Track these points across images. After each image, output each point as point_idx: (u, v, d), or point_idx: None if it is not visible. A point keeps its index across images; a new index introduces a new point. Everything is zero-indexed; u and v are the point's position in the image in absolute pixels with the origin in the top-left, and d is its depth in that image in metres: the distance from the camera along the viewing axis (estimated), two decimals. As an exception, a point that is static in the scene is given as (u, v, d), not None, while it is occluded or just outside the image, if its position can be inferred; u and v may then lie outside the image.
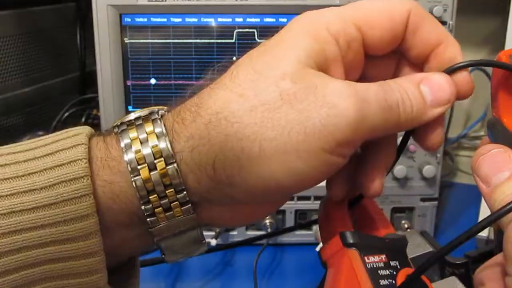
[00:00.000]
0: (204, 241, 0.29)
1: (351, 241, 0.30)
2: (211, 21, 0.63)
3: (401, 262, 0.31)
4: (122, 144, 0.26)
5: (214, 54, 0.64)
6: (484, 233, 0.66)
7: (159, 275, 0.64)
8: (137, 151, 0.26)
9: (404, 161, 0.66)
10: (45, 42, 0.85)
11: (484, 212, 0.67)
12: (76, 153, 0.26)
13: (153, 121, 0.27)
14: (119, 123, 0.28)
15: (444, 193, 0.83)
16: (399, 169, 0.65)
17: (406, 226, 0.68)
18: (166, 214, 0.27)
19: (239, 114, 0.26)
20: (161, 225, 0.27)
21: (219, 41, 0.64)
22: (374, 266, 0.30)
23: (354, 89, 0.26)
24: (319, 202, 0.70)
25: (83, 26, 0.89)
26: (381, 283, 0.29)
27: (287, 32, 0.28)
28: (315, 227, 0.68)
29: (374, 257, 0.30)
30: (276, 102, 0.25)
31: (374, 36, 0.28)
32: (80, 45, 0.90)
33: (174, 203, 0.27)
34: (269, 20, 0.64)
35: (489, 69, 0.85)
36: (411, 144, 0.65)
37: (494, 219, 0.24)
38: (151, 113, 0.28)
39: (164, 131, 0.26)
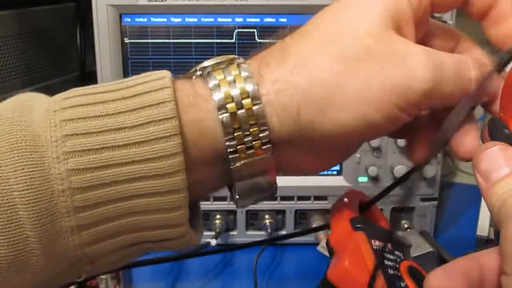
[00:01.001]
0: (276, 185, 0.30)
1: (360, 225, 0.31)
2: (211, 21, 0.63)
3: (404, 255, 0.32)
4: (211, 85, 0.28)
5: (214, 54, 0.64)
6: (484, 233, 0.66)
7: (159, 275, 0.64)
8: (226, 91, 0.28)
9: (404, 161, 0.66)
10: (45, 42, 0.85)
11: (484, 211, 0.67)
12: (164, 95, 0.27)
13: (238, 65, 0.29)
14: (198, 68, 0.30)
15: (444, 193, 0.83)
16: (399, 169, 0.65)
17: (406, 226, 0.69)
18: (248, 152, 0.28)
19: (324, 63, 0.28)
20: (241, 163, 0.28)
21: (219, 41, 0.64)
22: (380, 248, 0.31)
23: (433, 58, 0.28)
24: (319, 202, 0.70)
25: (83, 26, 0.89)
26: (385, 262, 0.30)
27: None
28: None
29: (381, 242, 0.31)
30: (361, 55, 0.28)
31: None
32: (80, 45, 0.89)
33: (257, 141, 0.28)
34: (269, 20, 0.64)
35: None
36: (411, 144, 0.65)
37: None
38: (232, 59, 0.30)
39: (250, 74, 0.28)
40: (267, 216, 0.69)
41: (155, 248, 0.29)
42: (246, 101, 0.27)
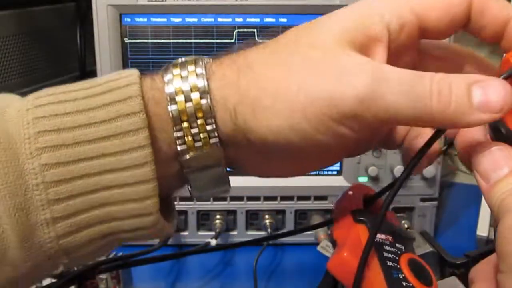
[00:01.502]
0: (228, 181, 0.31)
1: (361, 217, 0.31)
2: (211, 21, 0.63)
3: (406, 248, 0.32)
4: (165, 79, 0.29)
5: (214, 54, 0.64)
6: (484, 233, 0.66)
7: (159, 275, 0.64)
8: (177, 85, 0.29)
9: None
10: (45, 42, 0.85)
11: (484, 211, 0.67)
12: (131, 91, 0.28)
13: (196, 62, 0.30)
14: (167, 65, 0.31)
15: (444, 193, 0.83)
16: (399, 169, 0.65)
17: (406, 226, 0.69)
18: (195, 145, 0.29)
19: (265, 68, 0.28)
20: (190, 155, 0.29)
21: (219, 41, 0.64)
22: (380, 241, 0.31)
23: (375, 68, 0.27)
24: (319, 202, 0.70)
25: (83, 26, 0.89)
26: (385, 255, 0.30)
27: (343, 8, 0.29)
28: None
29: (381, 235, 0.31)
30: (304, 66, 0.27)
31: (431, 18, 0.28)
32: (80, 45, 0.90)
33: (204, 134, 0.29)
34: (269, 20, 0.64)
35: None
36: (411, 144, 0.65)
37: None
38: (196, 59, 0.31)
39: (204, 71, 0.29)
40: (267, 216, 0.69)
41: (129, 238, 0.30)
42: (195, 95, 0.28)
